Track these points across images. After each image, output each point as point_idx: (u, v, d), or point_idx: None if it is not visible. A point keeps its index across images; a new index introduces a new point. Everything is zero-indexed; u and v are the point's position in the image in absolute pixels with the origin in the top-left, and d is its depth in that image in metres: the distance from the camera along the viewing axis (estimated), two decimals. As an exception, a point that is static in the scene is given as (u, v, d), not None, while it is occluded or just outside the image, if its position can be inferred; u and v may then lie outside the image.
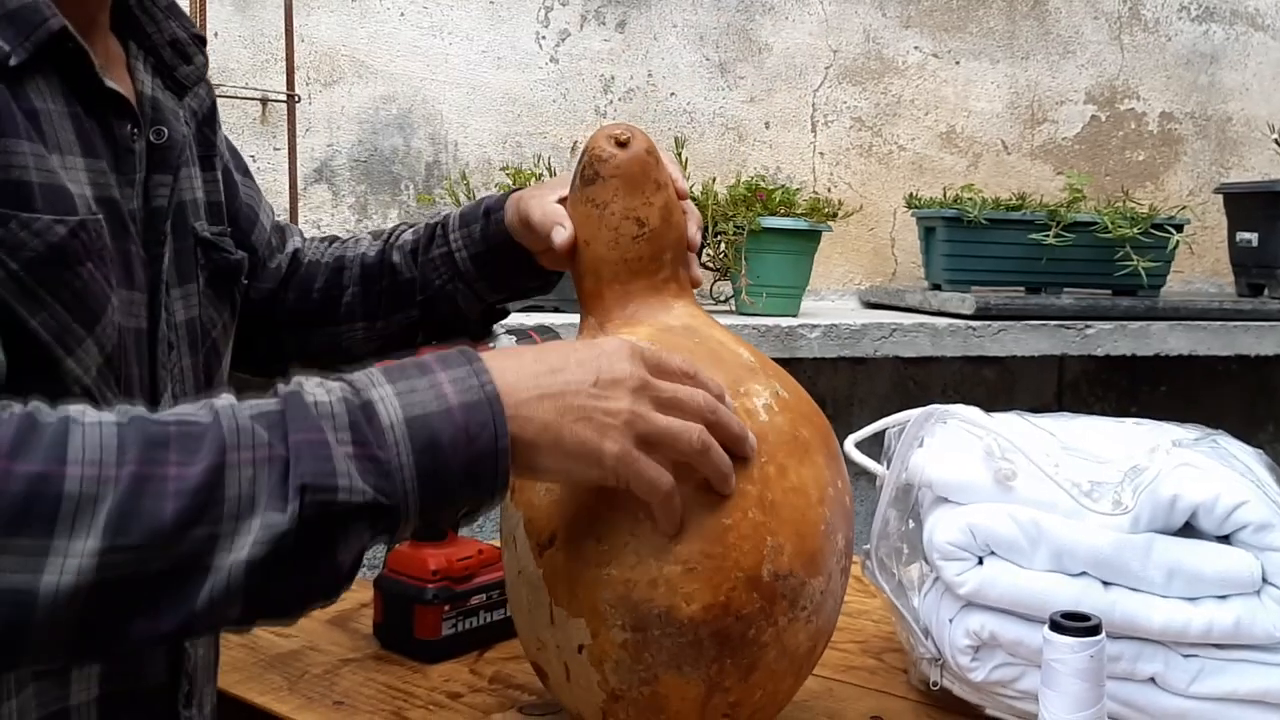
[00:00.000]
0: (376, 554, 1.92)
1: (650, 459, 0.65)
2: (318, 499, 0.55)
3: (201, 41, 0.85)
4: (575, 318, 0.86)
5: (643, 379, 0.65)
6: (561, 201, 0.84)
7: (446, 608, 1.01)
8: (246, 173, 1.00)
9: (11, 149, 0.63)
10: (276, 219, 1.04)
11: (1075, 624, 0.67)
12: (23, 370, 0.63)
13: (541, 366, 0.63)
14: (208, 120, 0.89)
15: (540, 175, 1.85)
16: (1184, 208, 2.02)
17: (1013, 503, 0.86)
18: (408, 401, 0.59)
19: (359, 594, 1.18)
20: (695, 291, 0.85)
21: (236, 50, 1.78)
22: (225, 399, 0.59)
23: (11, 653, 0.53)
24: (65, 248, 0.65)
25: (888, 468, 0.96)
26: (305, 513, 0.55)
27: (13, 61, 0.65)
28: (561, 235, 0.81)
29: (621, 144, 0.78)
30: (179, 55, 0.83)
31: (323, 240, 1.06)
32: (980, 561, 0.86)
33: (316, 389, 0.59)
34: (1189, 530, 0.83)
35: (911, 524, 0.93)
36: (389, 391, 0.59)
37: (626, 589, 0.70)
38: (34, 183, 0.64)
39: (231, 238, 0.90)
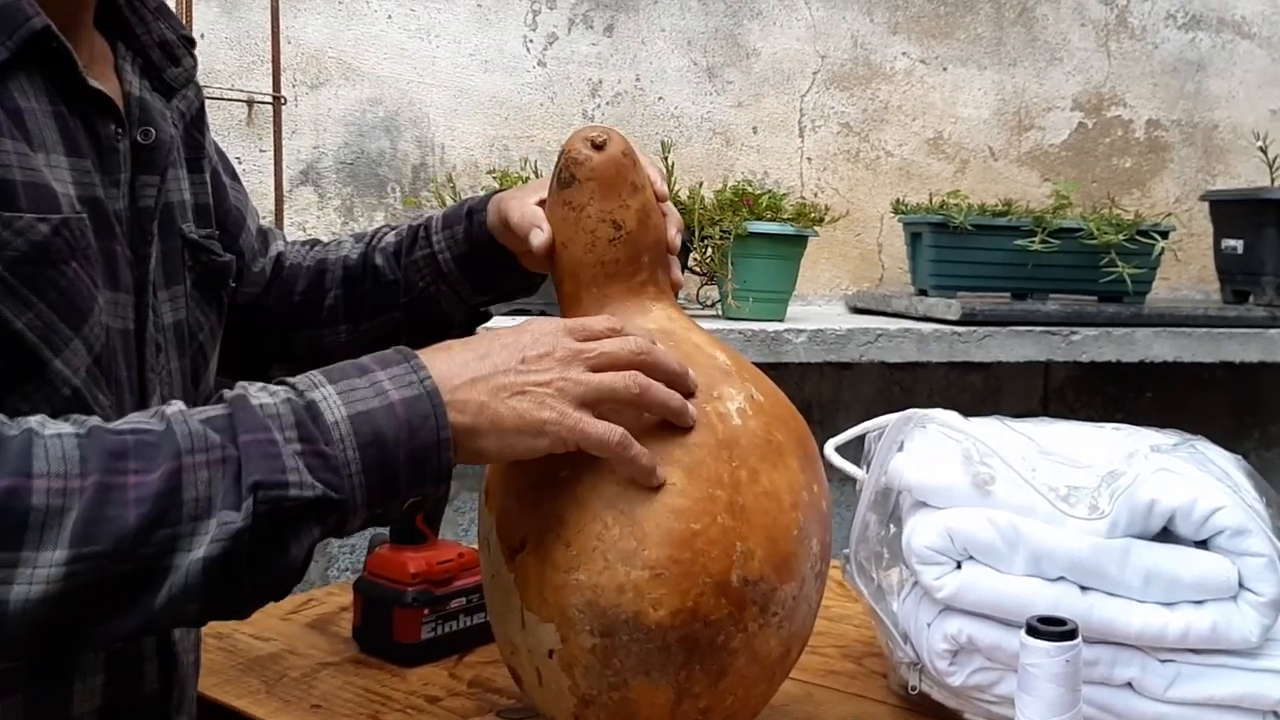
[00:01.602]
0: (358, 557, 1.91)
1: (594, 418, 0.67)
2: (270, 496, 0.58)
3: (191, 43, 0.85)
4: (560, 321, 0.85)
5: (569, 347, 0.68)
6: (541, 203, 0.84)
7: (426, 611, 1.00)
8: (234, 176, 0.99)
9: None
10: (260, 223, 1.04)
11: (1051, 628, 0.67)
12: (11, 373, 0.64)
13: (470, 354, 0.67)
14: (195, 122, 0.89)
15: (527, 179, 1.85)
16: (1170, 215, 2.03)
17: (991, 507, 0.86)
18: (350, 399, 0.62)
19: (339, 597, 1.18)
20: (681, 295, 0.85)
21: (222, 51, 1.78)
22: (175, 406, 0.61)
23: None
24: (48, 246, 0.65)
25: (868, 472, 0.96)
26: (259, 510, 0.57)
27: None
28: (539, 238, 0.81)
29: (597, 146, 0.77)
30: (168, 57, 0.83)
31: (305, 243, 1.05)
32: (958, 566, 0.86)
33: (260, 393, 0.61)
34: (1166, 535, 0.83)
35: (892, 528, 0.93)
36: (331, 391, 0.62)
37: (594, 594, 0.69)
38: (17, 181, 0.64)
39: (219, 240, 0.89)
